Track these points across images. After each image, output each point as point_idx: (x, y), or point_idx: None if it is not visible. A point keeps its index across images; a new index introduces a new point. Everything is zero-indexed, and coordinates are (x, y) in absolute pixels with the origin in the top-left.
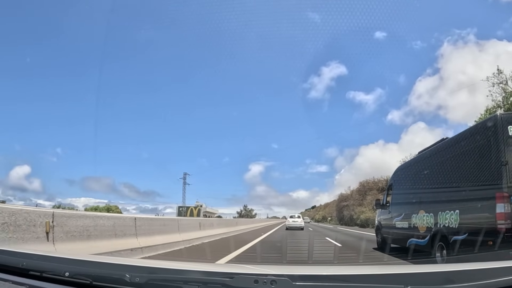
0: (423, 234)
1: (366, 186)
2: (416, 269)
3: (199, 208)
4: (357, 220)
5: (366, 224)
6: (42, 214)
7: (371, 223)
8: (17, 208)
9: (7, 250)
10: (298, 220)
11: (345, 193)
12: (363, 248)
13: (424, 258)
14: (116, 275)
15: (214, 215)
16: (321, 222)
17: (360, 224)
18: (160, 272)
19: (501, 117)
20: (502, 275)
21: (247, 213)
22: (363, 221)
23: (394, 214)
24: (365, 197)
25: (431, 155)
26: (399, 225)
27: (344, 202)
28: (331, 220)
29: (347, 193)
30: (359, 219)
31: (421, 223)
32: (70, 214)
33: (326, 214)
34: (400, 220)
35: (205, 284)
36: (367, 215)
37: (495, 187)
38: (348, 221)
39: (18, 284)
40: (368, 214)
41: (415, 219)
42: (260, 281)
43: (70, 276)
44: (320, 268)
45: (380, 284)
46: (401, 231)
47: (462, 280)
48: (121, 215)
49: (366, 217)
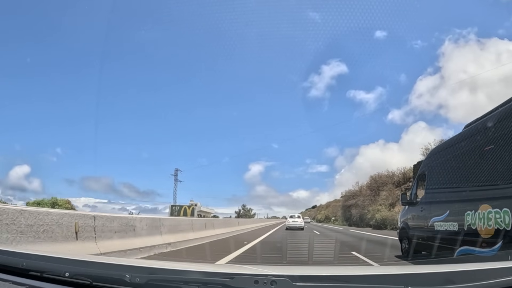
0: (488, 239)
1: (378, 181)
2: (417, 269)
3: (193, 207)
4: (370, 220)
5: (382, 225)
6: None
7: (389, 224)
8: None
9: (7, 250)
10: (298, 220)
11: (352, 190)
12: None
13: (424, 258)
14: (116, 276)
15: (209, 214)
16: (324, 223)
17: (374, 225)
18: (160, 273)
19: None
20: (502, 276)
21: (246, 212)
22: (378, 222)
23: (431, 212)
24: (378, 193)
25: (496, 122)
26: (441, 227)
27: (351, 200)
28: (335, 221)
29: (355, 190)
30: (373, 219)
31: (484, 223)
32: None
33: (329, 213)
34: (442, 220)
35: (205, 285)
36: (384, 214)
37: None
38: (357, 221)
39: (18, 285)
40: (385, 213)
41: (472, 218)
42: (260, 282)
43: (70, 277)
44: (320, 268)
45: (381, 285)
46: (444, 235)
47: (462, 281)
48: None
49: (383, 216)
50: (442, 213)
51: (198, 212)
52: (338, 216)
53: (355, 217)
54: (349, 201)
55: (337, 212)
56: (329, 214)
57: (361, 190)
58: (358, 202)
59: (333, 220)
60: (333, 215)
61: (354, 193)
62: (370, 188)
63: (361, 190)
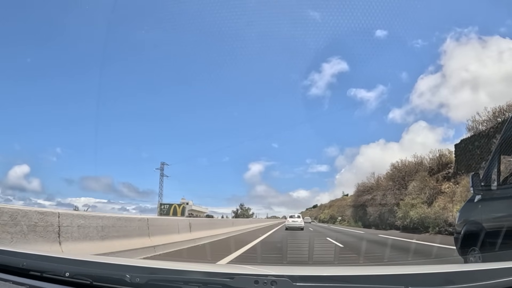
0: None
1: (403, 170)
2: (417, 269)
3: (183, 205)
4: (397, 220)
5: (422, 227)
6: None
7: (431, 225)
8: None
9: (8, 250)
10: (298, 220)
11: (367, 183)
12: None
13: (425, 259)
14: (117, 276)
15: (202, 214)
16: (329, 223)
17: (404, 227)
18: (161, 273)
19: None
20: (502, 276)
21: (244, 212)
22: (415, 222)
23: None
24: (405, 185)
25: None
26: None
27: (366, 195)
28: (342, 221)
29: (370, 183)
30: (404, 219)
31: None
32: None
33: (335, 213)
34: None
35: (206, 285)
36: (422, 212)
37: None
38: (375, 221)
39: (19, 284)
40: (423, 210)
41: None
42: (261, 282)
43: (70, 277)
44: (321, 268)
45: (381, 285)
46: None
47: (462, 281)
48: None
49: (421, 214)
50: None
51: (189, 211)
52: (346, 215)
53: (372, 217)
54: (362, 197)
55: (345, 211)
56: (334, 214)
57: (378, 182)
58: (376, 197)
59: (339, 220)
60: (339, 214)
61: (369, 187)
62: (392, 178)
63: (378, 182)
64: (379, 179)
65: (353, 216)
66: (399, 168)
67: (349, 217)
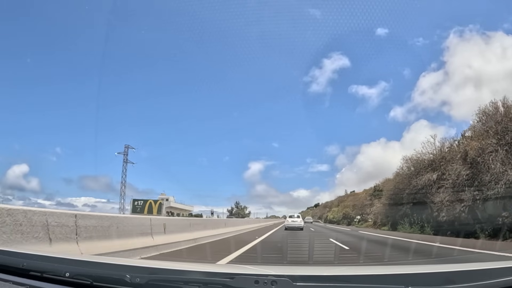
0: None
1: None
2: (417, 269)
3: (160, 202)
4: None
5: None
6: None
7: None
8: None
9: (8, 251)
10: (298, 220)
11: (422, 156)
12: None
13: (425, 258)
14: (117, 276)
15: (185, 212)
16: (344, 225)
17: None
18: (161, 273)
19: None
20: (502, 276)
21: (239, 211)
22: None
23: None
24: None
25: None
26: None
27: (418, 178)
28: (361, 222)
29: (428, 155)
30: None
31: None
32: None
33: (350, 210)
34: None
35: (206, 285)
36: None
37: None
38: (434, 224)
39: (19, 285)
40: None
41: None
42: (261, 282)
43: (70, 277)
44: (321, 268)
45: (381, 285)
46: None
47: (462, 281)
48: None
49: None
50: None
51: (167, 208)
52: (367, 213)
53: (428, 217)
54: (411, 182)
55: (365, 208)
56: (349, 212)
57: (420, 163)
58: (451, 175)
59: (357, 221)
60: (356, 213)
61: (409, 175)
62: (497, 133)
63: (420, 163)
64: (423, 161)
65: (387, 216)
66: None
67: (378, 216)
